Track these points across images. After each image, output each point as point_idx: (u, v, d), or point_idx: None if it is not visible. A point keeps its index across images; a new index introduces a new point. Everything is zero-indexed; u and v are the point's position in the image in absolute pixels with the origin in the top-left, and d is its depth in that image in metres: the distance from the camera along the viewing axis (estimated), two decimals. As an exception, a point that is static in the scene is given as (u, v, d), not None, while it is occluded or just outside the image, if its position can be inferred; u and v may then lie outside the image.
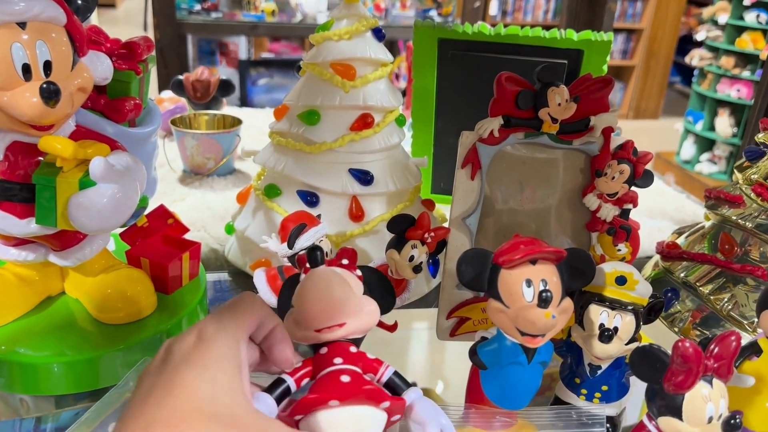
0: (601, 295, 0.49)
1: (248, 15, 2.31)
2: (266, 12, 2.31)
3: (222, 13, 2.33)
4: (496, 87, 0.62)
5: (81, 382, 0.55)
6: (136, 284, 0.59)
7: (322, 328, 0.39)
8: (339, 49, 0.65)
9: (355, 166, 0.67)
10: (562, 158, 0.65)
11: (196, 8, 2.29)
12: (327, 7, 2.46)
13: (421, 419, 0.40)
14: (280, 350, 0.39)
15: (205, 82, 1.02)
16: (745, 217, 0.65)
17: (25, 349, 0.54)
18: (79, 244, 0.56)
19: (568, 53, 0.75)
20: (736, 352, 0.42)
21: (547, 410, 0.52)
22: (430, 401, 0.41)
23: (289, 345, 0.40)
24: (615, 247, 0.63)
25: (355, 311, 0.41)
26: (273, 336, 0.39)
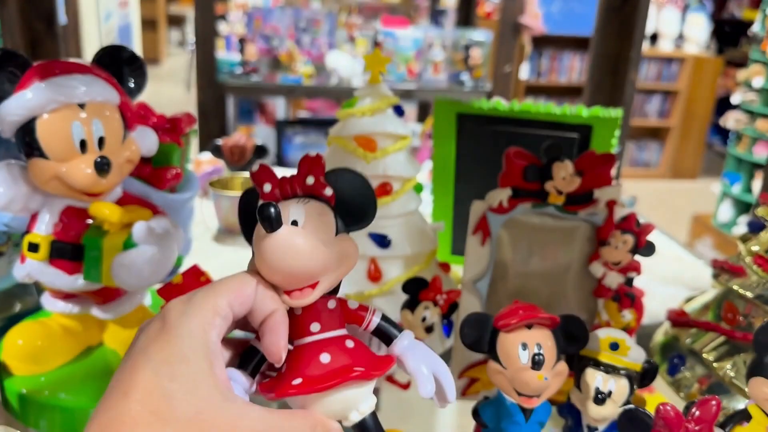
0: (597, 360, 0.52)
1: (287, 78, 2.43)
2: (304, 75, 2.43)
3: (262, 76, 2.45)
4: (506, 161, 0.67)
5: (114, 428, 0.60)
6: (168, 337, 0.64)
7: (292, 290, 0.34)
8: (362, 125, 0.71)
9: (374, 231, 0.72)
10: (569, 228, 0.69)
11: (238, 71, 2.42)
12: (363, 71, 2.57)
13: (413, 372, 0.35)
14: (270, 340, 0.33)
15: (242, 146, 1.10)
16: (746, 287, 0.67)
17: (65, 395, 0.59)
18: (120, 299, 0.62)
19: (578, 128, 0.80)
20: (716, 416, 0.44)
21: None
22: (421, 348, 0.36)
23: (283, 335, 0.33)
24: (620, 313, 0.66)
25: (327, 265, 0.33)
26: (267, 322, 0.33)
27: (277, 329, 0.33)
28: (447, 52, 2.66)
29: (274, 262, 0.33)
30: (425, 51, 2.63)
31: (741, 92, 3.47)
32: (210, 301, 0.32)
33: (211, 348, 0.31)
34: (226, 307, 0.32)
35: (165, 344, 0.31)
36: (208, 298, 0.32)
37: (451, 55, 2.66)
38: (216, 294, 0.33)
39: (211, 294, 0.33)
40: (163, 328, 0.31)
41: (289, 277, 0.33)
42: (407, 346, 0.36)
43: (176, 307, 0.32)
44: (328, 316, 0.35)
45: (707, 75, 4.59)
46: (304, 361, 0.34)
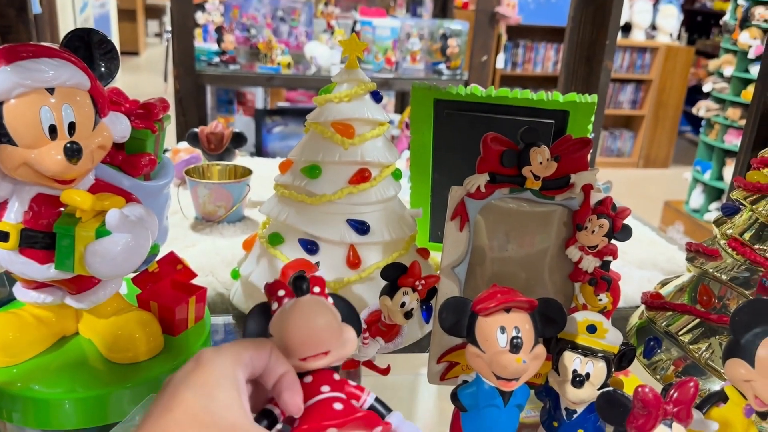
0: (575, 343, 0.52)
1: (265, 68, 2.40)
2: (282, 65, 2.40)
3: (240, 65, 2.43)
4: (483, 146, 0.67)
5: (91, 418, 0.59)
6: (144, 326, 0.63)
7: (308, 356, 0.40)
8: (339, 110, 0.70)
9: (352, 217, 0.71)
10: (546, 212, 0.69)
11: (215, 60, 2.39)
12: (340, 60, 2.55)
13: None
14: (290, 396, 0.39)
15: (219, 134, 1.09)
16: (721, 270, 0.68)
17: (39, 386, 0.58)
18: (94, 288, 0.61)
19: (554, 114, 0.80)
20: (694, 398, 0.45)
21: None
22: (412, 425, 0.42)
23: (299, 391, 0.39)
24: (596, 296, 0.67)
25: (337, 339, 0.41)
26: (282, 381, 0.39)
27: (294, 385, 0.39)
28: (424, 42, 2.65)
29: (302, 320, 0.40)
30: (403, 41, 2.62)
31: (712, 81, 3.52)
32: (236, 350, 0.38)
33: (239, 384, 0.37)
34: (248, 358, 0.38)
35: (201, 374, 0.36)
36: (234, 348, 0.38)
37: (429, 45, 2.66)
38: (240, 347, 0.38)
39: (237, 346, 0.39)
40: (198, 364, 0.37)
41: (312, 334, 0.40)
42: (400, 422, 0.42)
43: (208, 351, 0.38)
44: (335, 383, 0.41)
45: (679, 65, 4.65)
46: (317, 411, 0.39)
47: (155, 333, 0.63)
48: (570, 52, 1.41)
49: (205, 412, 0.34)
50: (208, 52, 2.43)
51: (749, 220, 0.68)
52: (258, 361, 0.39)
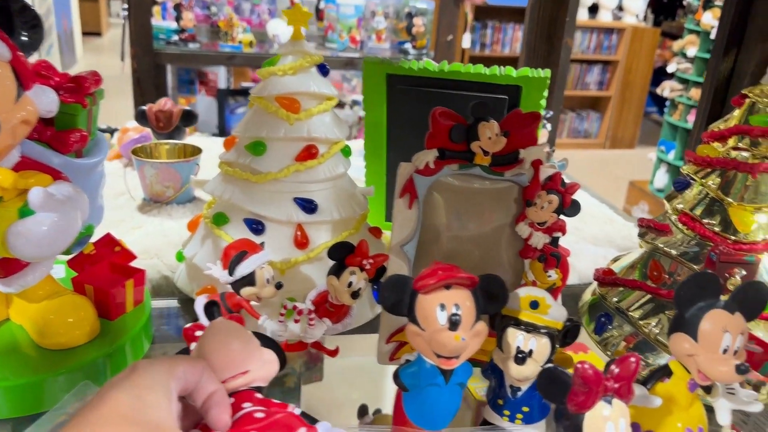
0: (518, 319, 0.51)
1: (226, 46, 2.35)
2: (244, 43, 2.35)
3: (200, 44, 2.37)
4: (432, 121, 0.65)
5: (23, 406, 0.56)
6: (78, 310, 0.60)
7: (227, 377, 0.42)
8: (284, 84, 0.68)
9: (299, 195, 0.69)
10: (496, 189, 0.68)
11: (174, 39, 2.32)
12: (304, 39, 2.50)
13: None
14: (218, 412, 0.40)
15: (168, 112, 1.05)
16: (671, 245, 0.68)
17: (-32, 374, 0.55)
18: (23, 271, 0.58)
19: (508, 89, 0.79)
20: (635, 374, 0.44)
21: (472, 431, 0.54)
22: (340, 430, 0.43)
23: (227, 410, 0.40)
24: (546, 273, 0.66)
25: (256, 359, 0.43)
26: (212, 398, 0.40)
27: (224, 403, 0.40)
28: (390, 21, 2.62)
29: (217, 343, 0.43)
30: (368, 19, 2.58)
31: (676, 61, 3.55)
32: (171, 363, 0.39)
33: (171, 394, 0.37)
34: (181, 372, 0.38)
35: (134, 378, 0.36)
36: (170, 361, 0.39)
37: (394, 24, 2.62)
38: (175, 361, 0.39)
39: (172, 359, 0.39)
40: (133, 371, 0.37)
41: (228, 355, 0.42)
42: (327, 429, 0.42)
43: (144, 360, 0.38)
44: (257, 400, 0.42)
45: (645, 46, 4.69)
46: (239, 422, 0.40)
47: (90, 317, 0.61)
48: (530, 30, 1.39)
49: (132, 410, 0.34)
50: (167, 30, 2.36)
51: (699, 194, 0.68)
52: (191, 376, 0.39)
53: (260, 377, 0.44)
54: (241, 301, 0.63)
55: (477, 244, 0.71)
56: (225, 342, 0.43)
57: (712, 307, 0.48)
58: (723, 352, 0.48)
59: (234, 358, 0.42)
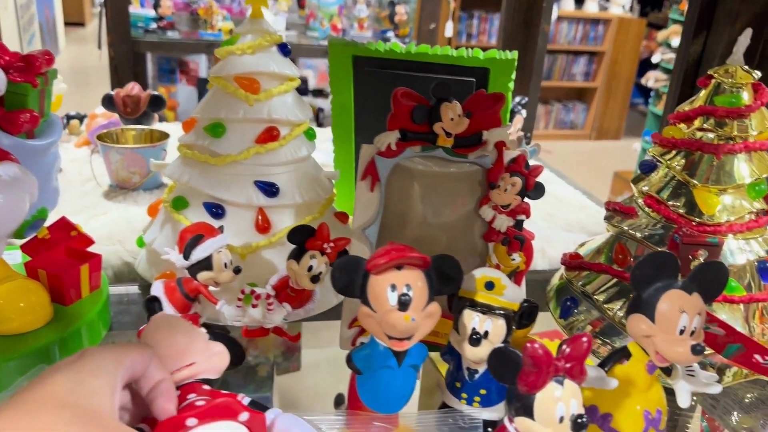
0: (473, 300, 0.51)
1: (205, 34, 2.32)
2: (224, 31, 2.32)
3: (179, 32, 2.34)
4: (393, 102, 0.64)
5: (-25, 391, 0.55)
6: (30, 295, 0.59)
7: (172, 371, 0.41)
8: (242, 63, 0.66)
9: (260, 178, 0.68)
10: (460, 171, 0.67)
11: (152, 26, 2.29)
12: (285, 27, 2.48)
13: (284, 428, 0.42)
14: (164, 401, 0.39)
15: (136, 97, 1.03)
16: (635, 228, 0.67)
17: None
18: (-30, 255, 0.56)
19: (475, 71, 0.78)
20: (587, 354, 0.43)
21: (427, 414, 0.53)
22: (292, 415, 0.42)
23: (173, 400, 0.40)
24: (509, 256, 0.65)
25: (201, 351, 0.43)
26: (158, 388, 0.39)
27: (170, 392, 0.39)
28: (372, 9, 2.60)
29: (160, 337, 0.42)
30: (350, 7, 2.56)
31: (660, 52, 3.56)
32: (120, 350, 0.37)
33: (115, 383, 0.36)
34: (130, 361, 0.37)
35: (79, 363, 0.35)
36: (118, 348, 0.38)
37: (377, 12, 2.60)
38: (124, 348, 0.38)
39: (121, 347, 0.38)
40: (80, 356, 0.36)
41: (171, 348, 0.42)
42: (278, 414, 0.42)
43: (92, 347, 0.37)
44: (203, 391, 0.42)
45: (631, 37, 4.69)
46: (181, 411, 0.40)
47: (42, 302, 0.59)
48: (508, 16, 1.39)
49: (70, 393, 0.33)
50: (145, 18, 2.33)
51: (665, 177, 0.67)
52: (138, 365, 0.38)
53: (207, 369, 0.43)
54: (199, 287, 0.62)
55: (443, 229, 0.70)
56: (167, 336, 0.43)
57: (669, 287, 0.48)
58: (680, 332, 0.47)
59: (177, 351, 0.42)
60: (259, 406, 0.43)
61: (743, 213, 0.63)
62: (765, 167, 0.64)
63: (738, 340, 0.60)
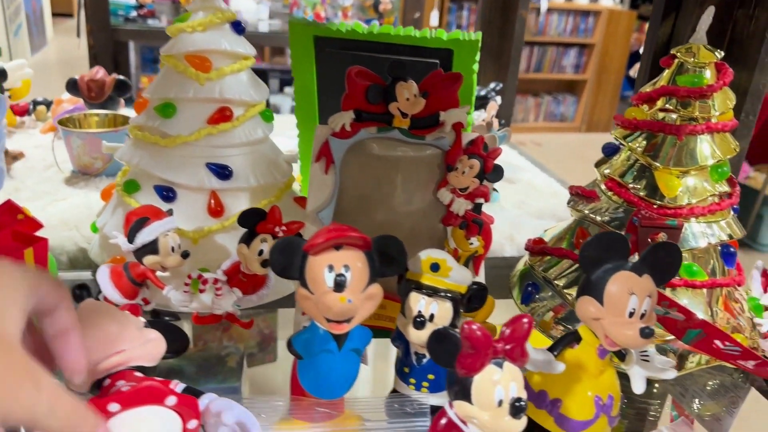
0: (419, 283, 0.49)
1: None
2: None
3: (160, 20, 2.31)
4: (347, 81, 0.62)
5: None
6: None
7: (100, 357, 0.39)
8: (193, 41, 0.64)
9: (213, 161, 0.66)
10: (419, 155, 0.65)
11: (133, 15, 2.26)
12: (268, 16, 2.45)
13: (217, 410, 0.40)
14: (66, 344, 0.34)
15: (100, 81, 1.01)
16: (596, 212, 0.66)
17: None
18: None
19: (439, 53, 0.76)
20: (527, 335, 0.42)
21: (374, 400, 0.51)
22: (227, 399, 0.41)
23: (78, 341, 0.35)
24: (467, 240, 0.63)
25: (132, 338, 0.41)
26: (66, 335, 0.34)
27: (71, 327, 0.35)
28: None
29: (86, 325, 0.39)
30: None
31: (649, 44, 3.54)
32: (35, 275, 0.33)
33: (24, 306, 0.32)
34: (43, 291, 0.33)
35: None
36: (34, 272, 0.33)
37: (361, 1, 2.58)
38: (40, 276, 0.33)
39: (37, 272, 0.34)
40: None
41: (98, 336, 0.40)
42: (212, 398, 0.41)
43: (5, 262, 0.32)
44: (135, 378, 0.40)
45: (621, 29, 4.67)
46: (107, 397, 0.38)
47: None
48: (486, 2, 1.37)
49: None
50: (126, 6, 2.30)
51: (627, 160, 0.66)
52: (50, 298, 0.34)
53: (139, 356, 0.41)
54: (146, 271, 0.60)
55: (402, 213, 0.68)
56: (95, 322, 0.41)
57: (619, 269, 0.46)
58: (629, 315, 0.46)
59: (106, 338, 0.40)
60: (193, 392, 0.41)
61: (705, 195, 0.62)
62: (728, 149, 0.62)
63: (698, 326, 0.59)
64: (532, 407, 0.50)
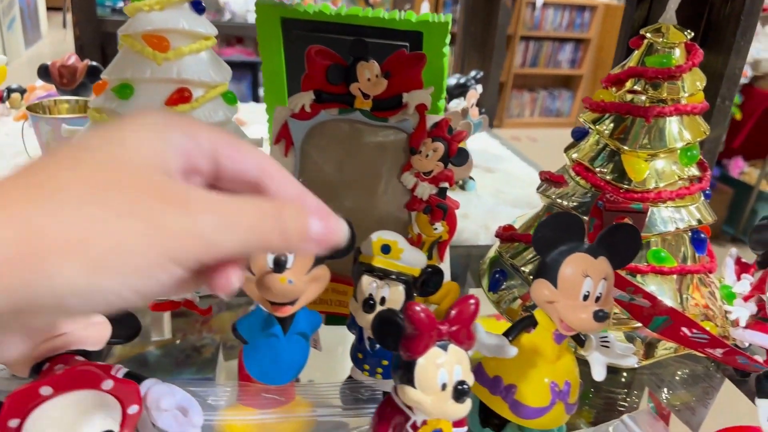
0: (370, 265, 0.47)
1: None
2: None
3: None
4: (307, 61, 0.61)
5: None
6: None
7: (39, 341, 0.38)
8: (150, 20, 0.62)
9: (171, 143, 0.64)
10: (382, 137, 0.64)
11: (120, 6, 2.24)
12: (257, 8, 2.43)
13: (156, 396, 0.39)
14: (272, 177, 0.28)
15: (72, 67, 0.99)
16: (564, 197, 0.64)
17: None
18: None
19: (408, 35, 0.74)
20: (473, 317, 0.40)
21: (326, 386, 0.50)
22: (168, 384, 0.40)
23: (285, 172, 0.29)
24: (432, 225, 0.62)
25: (74, 322, 0.40)
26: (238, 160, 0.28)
27: None
28: (347, -11, 2.55)
29: None
30: (324, -13, 2.51)
31: (644, 38, 3.53)
32: None
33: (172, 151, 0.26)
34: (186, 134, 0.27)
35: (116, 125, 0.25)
36: None
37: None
38: None
39: None
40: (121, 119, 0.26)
41: None
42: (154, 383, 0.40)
43: None
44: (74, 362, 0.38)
45: (617, 23, 4.64)
46: None
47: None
48: (469, -10, 1.35)
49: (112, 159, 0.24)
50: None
51: (596, 143, 0.64)
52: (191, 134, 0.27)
53: (81, 340, 0.40)
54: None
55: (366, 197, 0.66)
56: None
57: (573, 251, 0.45)
58: (584, 298, 0.44)
59: None
60: (134, 376, 0.40)
61: (674, 179, 0.60)
62: (698, 131, 0.61)
63: (664, 313, 0.57)
64: (488, 393, 0.49)
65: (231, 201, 0.25)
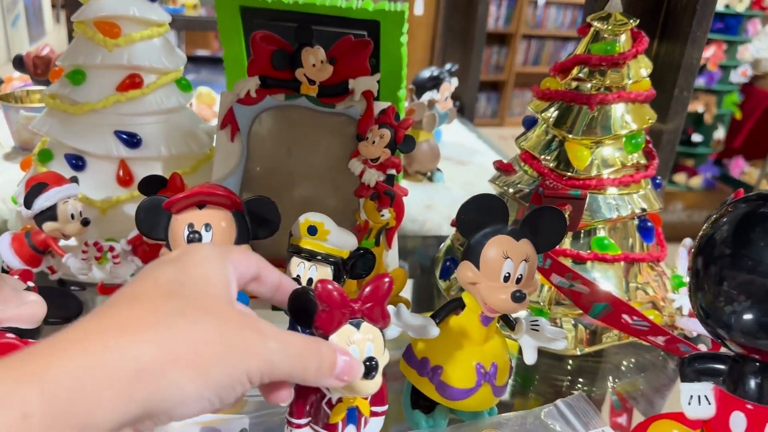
0: (298, 247, 0.48)
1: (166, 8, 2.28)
2: (187, 6, 2.29)
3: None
4: (252, 46, 0.61)
5: None
6: None
7: None
8: (101, 7, 0.63)
9: (121, 128, 0.65)
10: (330, 124, 0.64)
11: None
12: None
13: None
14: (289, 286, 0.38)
15: (46, 58, 1.00)
16: (510, 185, 0.64)
17: None
18: None
19: (366, 24, 0.74)
20: (387, 295, 0.41)
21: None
22: None
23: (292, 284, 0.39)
24: (379, 212, 0.62)
25: (7, 300, 0.41)
26: (282, 283, 0.38)
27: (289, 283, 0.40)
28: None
29: None
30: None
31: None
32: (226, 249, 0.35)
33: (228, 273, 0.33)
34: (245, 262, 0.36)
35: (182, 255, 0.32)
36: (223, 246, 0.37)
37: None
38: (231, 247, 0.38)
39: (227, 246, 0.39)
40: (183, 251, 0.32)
41: None
42: None
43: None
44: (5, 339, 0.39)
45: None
46: None
47: None
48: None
49: (175, 283, 0.29)
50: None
51: (545, 134, 0.64)
52: (249, 262, 0.36)
53: (12, 318, 0.41)
54: (47, 239, 0.59)
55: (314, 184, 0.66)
56: None
57: (497, 233, 0.45)
58: (504, 280, 0.45)
59: None
60: None
61: (617, 167, 0.60)
62: (643, 119, 0.61)
63: (604, 299, 0.57)
64: (416, 375, 0.49)
65: (284, 332, 0.32)
